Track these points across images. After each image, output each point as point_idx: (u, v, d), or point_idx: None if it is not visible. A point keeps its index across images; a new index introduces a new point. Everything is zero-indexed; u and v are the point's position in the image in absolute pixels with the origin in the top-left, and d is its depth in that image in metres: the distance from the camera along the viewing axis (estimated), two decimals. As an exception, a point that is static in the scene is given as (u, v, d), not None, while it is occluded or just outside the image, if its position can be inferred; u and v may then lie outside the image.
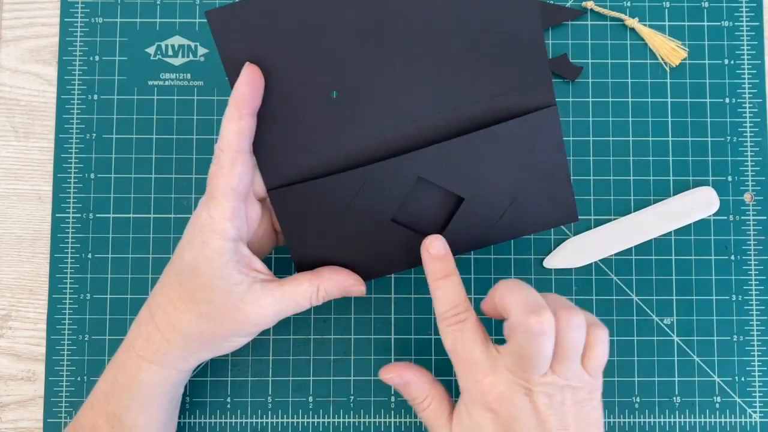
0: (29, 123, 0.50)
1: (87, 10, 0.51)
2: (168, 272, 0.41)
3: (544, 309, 0.37)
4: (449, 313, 0.40)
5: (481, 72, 0.40)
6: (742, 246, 0.50)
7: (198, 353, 0.42)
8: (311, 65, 0.39)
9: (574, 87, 0.51)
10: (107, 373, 0.43)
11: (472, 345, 0.39)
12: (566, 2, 0.51)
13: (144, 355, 0.41)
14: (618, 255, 0.49)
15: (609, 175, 0.50)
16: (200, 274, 0.39)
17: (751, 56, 0.51)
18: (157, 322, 0.41)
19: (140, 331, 0.41)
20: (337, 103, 0.40)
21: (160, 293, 0.41)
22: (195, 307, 0.40)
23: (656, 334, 0.49)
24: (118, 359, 0.42)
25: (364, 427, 0.48)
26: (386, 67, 0.39)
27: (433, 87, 0.40)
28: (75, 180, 0.50)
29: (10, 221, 0.50)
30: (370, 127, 0.40)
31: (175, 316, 0.40)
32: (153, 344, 0.41)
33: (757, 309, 0.49)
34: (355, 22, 0.39)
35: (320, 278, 0.42)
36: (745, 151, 0.50)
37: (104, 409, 0.42)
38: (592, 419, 0.39)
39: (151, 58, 0.51)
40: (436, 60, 0.39)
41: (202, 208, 0.40)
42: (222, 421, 0.48)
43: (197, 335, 0.41)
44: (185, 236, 0.41)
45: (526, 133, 0.41)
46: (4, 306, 0.49)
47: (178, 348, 0.41)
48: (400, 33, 0.39)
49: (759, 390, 0.48)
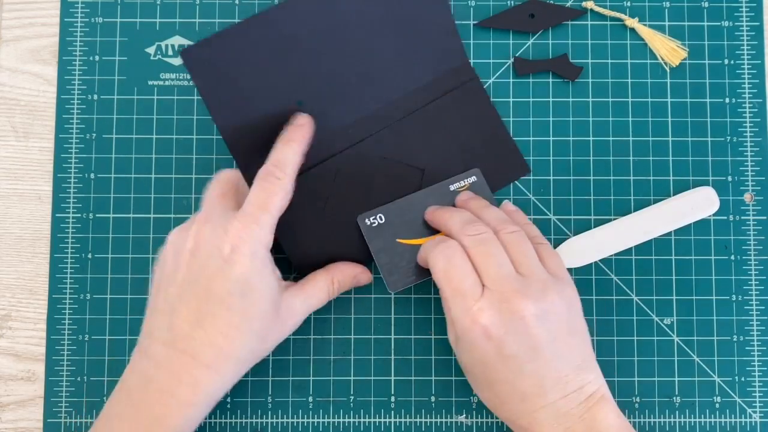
0: (29, 123, 0.50)
1: (87, 10, 0.51)
2: (208, 299, 0.39)
3: (479, 222, 0.42)
4: (441, 241, 0.43)
5: (415, 62, 0.48)
6: (742, 246, 0.50)
7: (237, 377, 0.41)
8: (277, 82, 0.44)
9: (574, 87, 0.51)
10: (132, 424, 0.40)
11: (464, 271, 0.41)
12: (566, 2, 0.51)
13: (191, 400, 0.40)
14: (618, 255, 0.49)
15: (609, 175, 0.50)
16: (253, 290, 0.40)
17: (751, 56, 0.51)
18: (206, 362, 0.39)
19: (181, 379, 0.39)
20: (304, 109, 0.45)
21: (201, 329, 0.39)
22: (248, 327, 0.40)
23: (656, 334, 0.49)
24: (152, 412, 0.39)
25: (364, 427, 0.48)
26: (339, 71, 0.46)
27: (381, 80, 0.47)
28: (75, 180, 0.50)
29: (10, 221, 0.50)
30: (334, 124, 0.47)
31: (228, 346, 0.39)
32: (203, 386, 0.40)
33: (757, 309, 0.49)
34: (308, 40, 0.44)
35: (332, 272, 0.45)
36: (745, 151, 0.50)
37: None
38: (573, 329, 0.41)
39: (151, 58, 0.51)
40: (379, 59, 0.47)
41: (239, 222, 0.40)
42: (222, 421, 0.48)
43: (250, 356, 0.41)
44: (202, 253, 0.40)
45: (459, 105, 0.49)
46: (4, 306, 0.49)
47: (228, 379, 0.41)
48: (347, 42, 0.46)
49: (759, 390, 0.48)
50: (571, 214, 0.50)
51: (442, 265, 0.42)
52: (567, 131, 0.50)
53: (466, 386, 0.48)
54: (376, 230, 0.47)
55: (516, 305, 0.40)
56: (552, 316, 0.40)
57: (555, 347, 0.40)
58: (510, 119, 0.50)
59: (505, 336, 0.40)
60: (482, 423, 0.48)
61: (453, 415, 0.48)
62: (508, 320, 0.40)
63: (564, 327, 0.41)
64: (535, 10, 0.51)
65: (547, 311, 0.40)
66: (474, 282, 0.41)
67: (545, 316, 0.40)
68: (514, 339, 0.40)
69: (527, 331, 0.40)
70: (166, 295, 0.41)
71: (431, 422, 0.48)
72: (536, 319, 0.40)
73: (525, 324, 0.40)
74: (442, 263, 0.42)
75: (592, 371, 0.42)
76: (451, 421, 0.48)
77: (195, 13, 0.51)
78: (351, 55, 0.46)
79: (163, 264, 0.42)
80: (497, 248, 0.41)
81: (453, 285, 0.41)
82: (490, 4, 0.51)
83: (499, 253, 0.41)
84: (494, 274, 0.41)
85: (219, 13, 0.51)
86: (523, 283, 0.40)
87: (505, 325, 0.40)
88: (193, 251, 0.40)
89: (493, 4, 0.51)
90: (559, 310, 0.41)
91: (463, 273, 0.41)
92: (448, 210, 0.45)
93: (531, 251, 0.42)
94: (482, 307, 0.40)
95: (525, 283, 0.41)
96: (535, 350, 0.40)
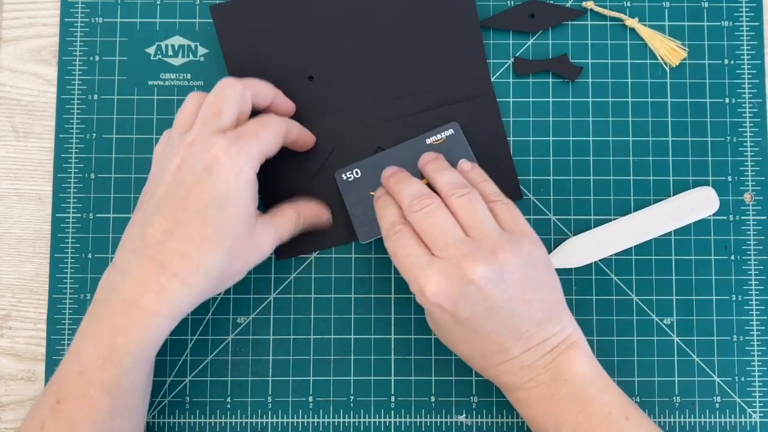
0: (29, 123, 0.50)
1: (87, 10, 0.51)
2: (184, 210, 0.39)
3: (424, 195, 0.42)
4: (390, 230, 0.43)
5: (432, 66, 0.49)
6: (742, 246, 0.50)
7: (208, 294, 0.41)
8: (293, 53, 0.49)
9: (574, 87, 0.51)
10: (97, 337, 0.39)
11: (409, 247, 0.41)
12: (566, 2, 0.51)
13: (156, 309, 0.39)
14: (618, 255, 0.49)
15: (609, 175, 0.50)
16: (232, 205, 0.40)
17: (751, 56, 0.51)
18: (174, 270, 0.39)
19: (147, 286, 0.39)
20: (313, 84, 0.49)
21: (173, 238, 0.39)
22: (221, 242, 0.40)
23: (656, 334, 0.49)
24: (117, 321, 0.39)
25: (364, 427, 0.48)
26: (355, 57, 0.49)
27: (393, 76, 0.49)
28: (75, 180, 0.50)
29: (10, 221, 0.50)
30: (340, 105, 0.49)
31: (199, 257, 0.39)
32: (169, 295, 0.39)
33: (757, 309, 0.49)
34: (330, 19, 0.49)
35: (299, 206, 0.46)
36: (745, 151, 0.50)
37: (98, 377, 0.39)
38: (532, 283, 0.41)
39: (151, 58, 0.51)
40: (397, 54, 0.49)
41: (227, 140, 0.40)
42: (222, 421, 0.48)
43: (219, 273, 0.40)
44: (195, 162, 0.40)
45: (469, 116, 0.49)
46: (4, 306, 0.49)
47: (196, 292, 0.40)
48: (367, 29, 0.49)
49: (759, 390, 0.48)
50: (571, 214, 0.50)
51: (392, 249, 0.42)
52: (567, 131, 0.50)
53: (466, 386, 0.48)
54: (351, 184, 0.48)
55: (465, 270, 0.39)
56: (506, 275, 0.40)
57: (512, 305, 0.40)
58: (510, 119, 0.50)
59: (457, 301, 0.40)
60: (482, 423, 0.48)
61: (453, 415, 0.48)
62: (457, 286, 0.40)
63: (520, 283, 0.40)
64: (535, 10, 0.51)
65: (501, 271, 0.40)
66: (419, 253, 0.41)
67: (498, 276, 0.40)
68: (466, 303, 0.40)
69: (480, 294, 0.40)
70: (145, 207, 0.41)
71: (431, 422, 0.48)
72: (487, 281, 0.39)
73: (477, 287, 0.39)
74: (392, 248, 0.42)
75: (559, 322, 0.41)
76: (451, 421, 0.48)
77: (195, 13, 0.51)
78: (371, 44, 0.49)
79: (148, 183, 0.42)
80: (443, 217, 0.41)
81: (402, 262, 0.42)
82: (490, 4, 0.51)
83: (444, 221, 0.41)
84: (441, 242, 0.41)
85: (219, 13, 0.51)
86: (471, 246, 0.40)
87: (454, 291, 0.40)
88: (180, 166, 0.40)
89: (493, 4, 0.51)
90: (513, 268, 0.40)
91: (409, 247, 0.41)
92: (399, 182, 0.44)
93: (482, 212, 0.42)
94: (429, 276, 0.40)
95: (474, 245, 0.40)
96: (491, 311, 0.40)
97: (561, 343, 0.41)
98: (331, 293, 0.49)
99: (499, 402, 0.48)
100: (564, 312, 0.42)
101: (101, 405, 0.39)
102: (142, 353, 0.40)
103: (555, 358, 0.41)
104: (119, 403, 0.39)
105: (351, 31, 0.49)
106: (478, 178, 0.45)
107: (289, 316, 0.49)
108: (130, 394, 0.40)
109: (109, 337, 0.39)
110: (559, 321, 0.42)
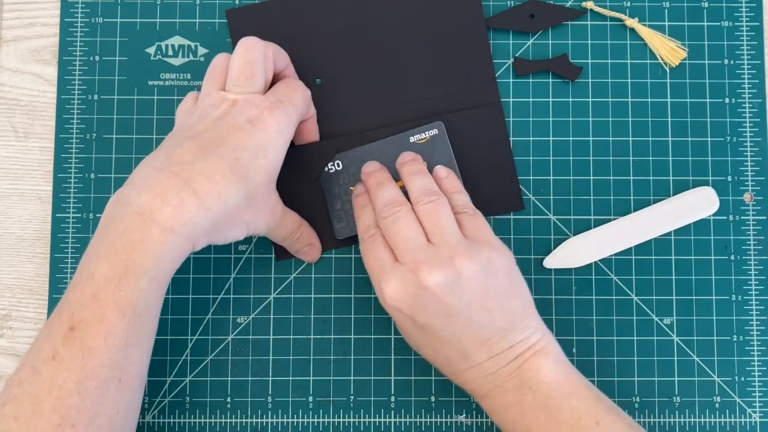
0: (29, 123, 0.50)
1: (87, 10, 0.51)
2: (220, 145, 0.39)
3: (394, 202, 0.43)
4: (365, 233, 0.44)
5: (439, 73, 0.50)
6: (742, 246, 0.50)
7: (216, 233, 0.40)
8: (302, 57, 0.49)
9: (574, 87, 0.51)
10: (111, 256, 0.37)
11: (377, 251, 0.42)
12: (566, 2, 0.51)
13: (173, 226, 0.37)
14: (618, 255, 0.49)
15: (609, 175, 0.50)
16: (265, 158, 0.41)
17: (750, 56, 0.51)
18: (196, 189, 0.38)
19: (166, 199, 0.37)
20: (320, 88, 0.49)
21: (204, 161, 0.39)
22: (246, 183, 0.40)
23: (656, 334, 0.49)
24: (132, 236, 0.37)
25: (364, 427, 0.48)
26: (363, 62, 0.50)
27: (400, 82, 0.50)
28: (75, 180, 0.50)
29: (10, 221, 0.50)
30: (346, 109, 0.50)
31: (223, 186, 0.39)
32: (187, 212, 0.37)
33: (757, 309, 0.49)
34: (340, 25, 0.50)
35: (304, 222, 0.47)
36: (744, 151, 0.50)
37: (113, 298, 0.37)
38: (492, 291, 0.41)
39: (151, 58, 0.51)
40: (404, 61, 0.50)
41: (270, 102, 0.42)
42: (222, 421, 0.48)
43: (234, 211, 0.40)
44: (239, 116, 0.41)
45: (475, 125, 0.49)
46: (4, 306, 0.49)
47: (211, 220, 0.38)
48: (375, 36, 0.50)
49: (759, 390, 0.48)
50: (571, 214, 0.50)
51: (364, 253, 0.44)
52: (567, 131, 0.50)
53: (466, 386, 0.48)
54: (332, 176, 0.48)
55: (421, 276, 0.40)
56: (464, 281, 0.40)
57: (470, 312, 0.40)
58: (510, 119, 0.50)
59: (414, 307, 0.40)
60: (482, 423, 0.48)
61: (453, 415, 0.48)
62: (414, 292, 0.40)
63: (479, 291, 0.40)
64: (535, 10, 0.51)
65: (458, 277, 0.40)
66: (384, 258, 0.42)
67: (455, 282, 0.40)
68: (423, 309, 0.40)
69: (436, 300, 0.40)
70: (177, 137, 0.41)
71: (431, 422, 0.48)
72: (443, 287, 0.40)
73: (431, 293, 0.40)
74: (364, 252, 0.44)
75: (525, 329, 0.41)
76: (451, 421, 0.48)
77: (195, 13, 0.51)
78: (380, 50, 0.50)
79: (177, 128, 0.43)
80: (407, 224, 0.42)
81: (369, 265, 0.43)
82: (490, 4, 0.51)
83: (408, 228, 0.42)
84: (403, 249, 0.41)
85: (219, 14, 0.51)
86: (430, 252, 0.41)
87: (411, 296, 0.40)
88: (222, 116, 0.41)
89: (493, 4, 0.51)
90: (471, 275, 0.40)
91: (378, 251, 0.42)
92: (377, 185, 0.45)
93: (445, 218, 0.42)
94: (388, 279, 0.41)
95: (432, 252, 0.41)
96: (448, 317, 0.40)
97: (526, 350, 0.41)
98: (331, 293, 0.49)
99: (499, 402, 0.48)
100: (531, 318, 0.42)
101: (118, 329, 0.37)
102: (158, 274, 0.38)
103: (519, 366, 0.41)
104: (134, 327, 0.38)
105: (360, 38, 0.50)
106: (451, 188, 0.45)
107: (289, 316, 0.49)
108: (144, 319, 0.38)
109: (124, 255, 0.37)
110: (525, 328, 0.41)
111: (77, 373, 0.36)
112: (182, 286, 0.49)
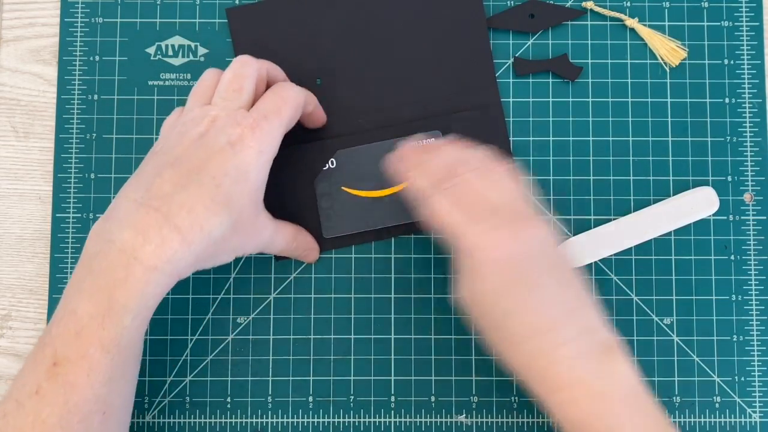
0: (29, 123, 0.50)
1: (87, 10, 0.51)
2: (200, 171, 0.39)
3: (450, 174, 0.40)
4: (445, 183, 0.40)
5: (439, 74, 0.50)
6: (742, 246, 0.50)
7: (202, 262, 0.40)
8: (302, 57, 0.50)
9: (574, 87, 0.51)
10: (94, 293, 0.37)
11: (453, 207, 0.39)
12: (566, 2, 0.51)
13: (156, 264, 0.37)
14: (618, 255, 0.49)
15: (609, 175, 0.50)
16: (247, 181, 0.40)
17: (750, 56, 0.51)
18: (178, 224, 0.37)
19: (148, 237, 0.37)
20: (320, 88, 0.49)
21: (184, 191, 0.38)
22: (229, 211, 0.39)
23: (656, 334, 0.49)
24: (115, 275, 0.37)
25: (364, 427, 0.48)
26: (363, 63, 0.50)
27: (400, 83, 0.50)
28: (75, 180, 0.50)
29: (10, 221, 0.50)
30: (346, 110, 0.50)
31: (205, 218, 0.38)
32: (169, 249, 0.37)
33: (757, 309, 0.49)
34: (340, 25, 0.50)
35: (299, 230, 0.47)
36: (744, 151, 0.50)
37: (97, 336, 0.37)
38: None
39: (151, 58, 0.51)
40: (404, 61, 0.50)
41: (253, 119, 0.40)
42: (222, 421, 0.48)
43: (219, 241, 0.39)
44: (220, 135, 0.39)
45: (475, 125, 0.49)
46: (4, 306, 0.49)
47: (194, 254, 0.38)
48: (376, 36, 0.50)
49: (759, 390, 0.48)
50: (571, 214, 0.50)
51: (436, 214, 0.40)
52: (567, 131, 0.50)
53: (466, 386, 0.48)
54: (325, 174, 0.48)
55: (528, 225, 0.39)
56: (550, 245, 0.40)
57: (562, 275, 0.39)
58: (510, 119, 0.50)
59: (520, 257, 0.38)
60: (482, 423, 0.48)
61: (453, 415, 0.48)
62: (521, 241, 0.38)
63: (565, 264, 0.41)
64: (535, 10, 0.51)
65: (555, 240, 0.40)
66: (484, 208, 0.39)
67: (555, 241, 0.40)
68: (529, 255, 0.38)
69: (543, 250, 0.39)
70: (155, 162, 0.40)
71: (431, 422, 0.48)
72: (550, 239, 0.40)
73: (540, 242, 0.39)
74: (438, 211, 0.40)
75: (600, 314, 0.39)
76: (451, 421, 0.48)
77: (195, 13, 0.51)
78: (380, 51, 0.50)
79: (159, 145, 0.42)
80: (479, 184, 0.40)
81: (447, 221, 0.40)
82: (490, 4, 0.51)
83: (484, 188, 0.40)
84: (492, 205, 0.39)
85: (219, 14, 0.51)
86: (527, 211, 0.40)
87: (517, 244, 0.38)
88: (203, 135, 0.40)
89: (493, 4, 0.51)
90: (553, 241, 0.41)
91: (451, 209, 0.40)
92: (415, 165, 0.42)
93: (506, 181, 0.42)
94: (496, 226, 0.38)
95: (527, 211, 0.41)
96: (550, 270, 0.39)
97: (609, 338, 0.38)
98: (331, 293, 0.49)
99: (499, 402, 0.48)
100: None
101: (101, 365, 0.37)
102: (142, 310, 0.38)
103: (605, 351, 0.38)
104: (118, 363, 0.38)
105: (360, 37, 0.50)
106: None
107: (289, 316, 0.49)
108: (127, 354, 0.38)
109: (108, 293, 0.37)
110: (599, 312, 0.39)
111: (60, 408, 0.37)
112: (182, 286, 0.49)
